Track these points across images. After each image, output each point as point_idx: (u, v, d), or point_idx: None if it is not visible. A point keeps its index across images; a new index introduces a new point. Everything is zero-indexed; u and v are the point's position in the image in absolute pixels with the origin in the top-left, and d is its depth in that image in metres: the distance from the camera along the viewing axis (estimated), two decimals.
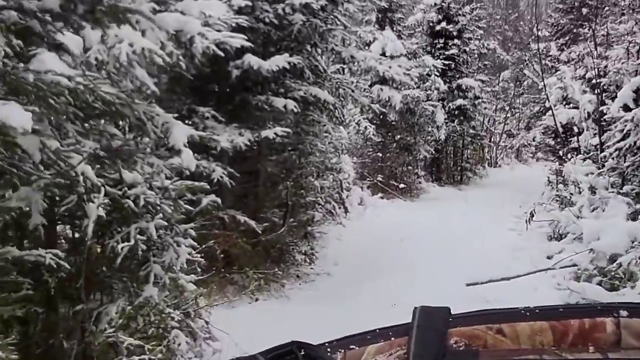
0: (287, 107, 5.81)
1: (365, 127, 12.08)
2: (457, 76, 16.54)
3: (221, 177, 4.88)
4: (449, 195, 13.82)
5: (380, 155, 13.42)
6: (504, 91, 21.64)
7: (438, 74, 15.06)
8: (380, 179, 12.76)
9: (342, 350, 0.88)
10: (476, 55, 17.87)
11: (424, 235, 8.38)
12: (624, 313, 0.93)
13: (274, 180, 7.02)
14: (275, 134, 5.57)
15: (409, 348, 0.86)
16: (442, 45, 16.39)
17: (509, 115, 23.83)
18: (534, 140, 23.32)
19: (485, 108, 17.52)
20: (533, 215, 8.37)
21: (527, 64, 16.11)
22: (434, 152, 14.79)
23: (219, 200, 4.38)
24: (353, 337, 0.92)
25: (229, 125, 5.64)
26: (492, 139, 21.17)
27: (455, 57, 16.32)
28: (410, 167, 14.16)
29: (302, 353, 0.80)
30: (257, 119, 5.96)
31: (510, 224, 9.23)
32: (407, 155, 13.96)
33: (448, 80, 16.06)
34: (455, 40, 16.41)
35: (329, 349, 0.88)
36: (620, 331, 0.92)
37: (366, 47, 12.79)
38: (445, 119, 15.15)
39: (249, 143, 5.43)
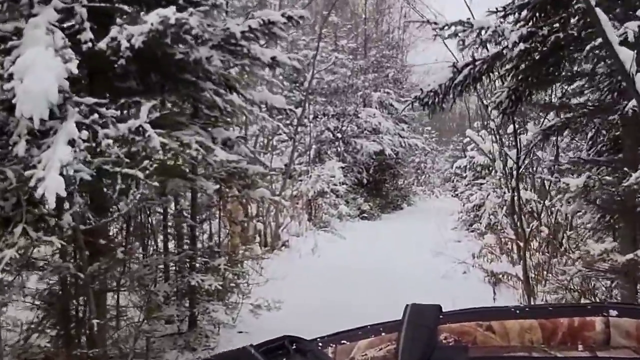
0: None
1: None
2: None
3: None
4: None
5: None
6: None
7: None
8: None
9: (333, 345, 0.86)
10: None
11: None
12: (613, 312, 0.93)
13: None
14: None
15: (398, 343, 0.83)
16: None
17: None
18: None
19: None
20: None
21: None
22: None
23: None
24: (345, 332, 0.90)
25: None
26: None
27: None
28: None
29: (294, 347, 0.79)
30: None
31: None
32: None
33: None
34: None
35: (320, 344, 0.86)
36: (609, 330, 0.92)
37: None
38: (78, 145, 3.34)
39: None
